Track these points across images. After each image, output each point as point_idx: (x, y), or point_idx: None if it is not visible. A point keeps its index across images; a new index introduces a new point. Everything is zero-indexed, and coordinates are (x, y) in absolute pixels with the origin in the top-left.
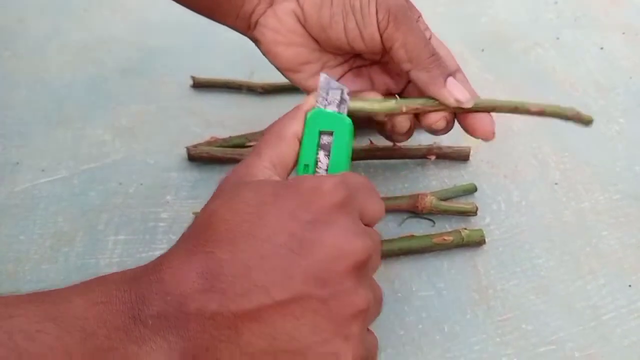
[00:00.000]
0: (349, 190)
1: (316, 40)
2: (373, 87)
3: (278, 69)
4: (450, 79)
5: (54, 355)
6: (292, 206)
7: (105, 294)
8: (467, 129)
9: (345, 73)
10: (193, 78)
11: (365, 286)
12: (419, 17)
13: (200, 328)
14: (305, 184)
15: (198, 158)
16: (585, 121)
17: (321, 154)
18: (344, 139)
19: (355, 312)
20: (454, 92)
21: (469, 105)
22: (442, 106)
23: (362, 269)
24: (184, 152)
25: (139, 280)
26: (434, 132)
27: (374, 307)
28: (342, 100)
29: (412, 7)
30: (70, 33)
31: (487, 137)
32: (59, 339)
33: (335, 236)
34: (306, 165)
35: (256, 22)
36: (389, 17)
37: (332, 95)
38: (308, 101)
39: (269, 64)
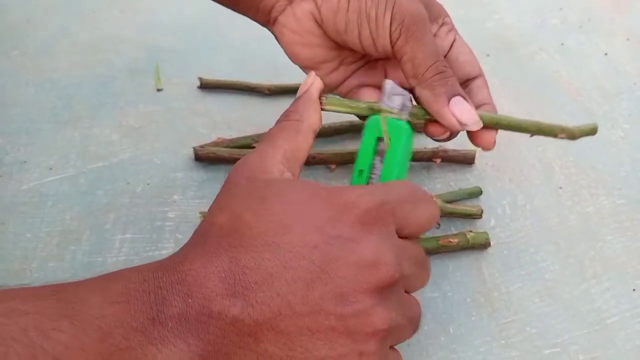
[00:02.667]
0: (383, 205)
1: (333, 40)
2: None
3: (297, 65)
4: (455, 98)
5: (69, 354)
6: (320, 217)
7: (122, 293)
8: (469, 137)
9: (360, 67)
10: (200, 79)
11: (389, 305)
12: (445, 17)
13: (220, 332)
14: (340, 197)
15: (205, 158)
16: (593, 131)
17: (377, 160)
18: (400, 146)
19: (373, 331)
20: (457, 113)
21: (474, 128)
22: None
23: (386, 288)
24: (191, 152)
25: (158, 280)
26: (435, 139)
27: (404, 327)
28: (403, 107)
29: (435, 10)
30: (79, 33)
31: (488, 147)
32: (75, 338)
33: (360, 254)
34: (361, 171)
35: (276, 19)
36: (401, 29)
37: (394, 101)
38: (314, 85)
39: (276, 65)
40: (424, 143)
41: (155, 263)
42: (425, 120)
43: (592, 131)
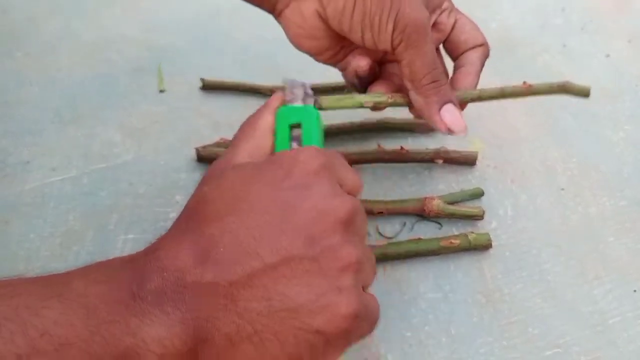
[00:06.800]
0: (325, 157)
1: (337, 32)
2: (382, 70)
3: (302, 52)
4: (446, 106)
5: (58, 329)
6: (273, 177)
7: (104, 274)
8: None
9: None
10: (203, 80)
11: (352, 242)
12: (444, 3)
13: (196, 299)
14: (283, 156)
15: (207, 159)
16: (584, 92)
17: (294, 145)
18: (312, 128)
19: (345, 265)
20: (447, 121)
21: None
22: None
23: (346, 226)
24: (193, 153)
25: (136, 262)
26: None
27: (367, 266)
28: (305, 94)
29: (435, 1)
30: (82, 33)
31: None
32: (63, 314)
33: (316, 197)
34: None
35: (281, 11)
36: (402, 37)
37: (296, 91)
38: (275, 97)
39: (278, 66)
40: (426, 144)
41: (135, 252)
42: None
43: (584, 91)
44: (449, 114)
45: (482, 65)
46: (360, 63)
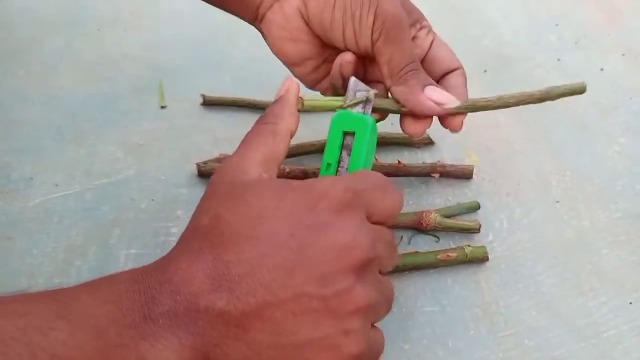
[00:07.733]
0: (355, 192)
1: (319, 37)
2: (365, 75)
3: (281, 61)
4: (428, 87)
5: (67, 351)
6: (296, 208)
7: (114, 293)
8: (440, 121)
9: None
10: (203, 96)
11: (367, 283)
12: (423, 21)
13: (209, 325)
14: (312, 188)
15: (208, 174)
16: (579, 90)
17: (344, 154)
18: (364, 139)
19: (355, 309)
20: (433, 97)
21: (451, 106)
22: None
23: (363, 267)
24: (194, 169)
25: (147, 281)
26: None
27: (380, 304)
28: (367, 102)
29: (415, 14)
30: (84, 51)
31: (456, 129)
32: (72, 336)
33: (336, 237)
34: (329, 164)
35: (263, 15)
36: (381, 31)
37: (358, 95)
38: (292, 91)
39: (277, 82)
40: (422, 158)
41: (144, 266)
42: (402, 116)
43: (580, 89)
44: (433, 91)
45: (466, 88)
46: (345, 57)
